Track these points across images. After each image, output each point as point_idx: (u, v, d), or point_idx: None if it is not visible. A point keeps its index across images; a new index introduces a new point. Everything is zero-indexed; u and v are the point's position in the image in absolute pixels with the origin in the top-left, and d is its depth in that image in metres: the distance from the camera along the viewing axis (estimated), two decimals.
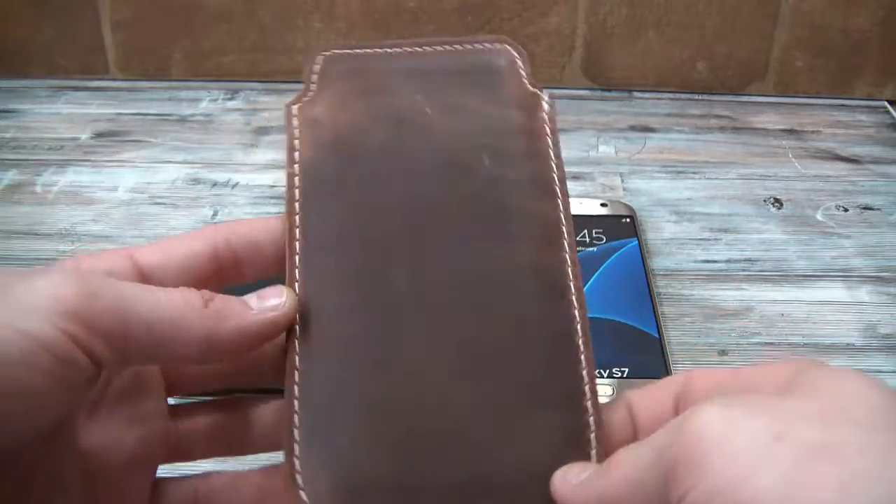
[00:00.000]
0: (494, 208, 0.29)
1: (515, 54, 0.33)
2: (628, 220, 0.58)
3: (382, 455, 0.25)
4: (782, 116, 0.74)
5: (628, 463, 0.22)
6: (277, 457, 0.26)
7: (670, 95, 0.76)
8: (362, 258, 0.28)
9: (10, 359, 0.21)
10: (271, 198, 0.62)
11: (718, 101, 0.75)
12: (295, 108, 0.31)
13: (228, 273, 0.28)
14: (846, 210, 0.62)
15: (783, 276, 0.55)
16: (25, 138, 0.68)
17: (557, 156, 0.30)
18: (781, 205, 0.62)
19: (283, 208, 0.29)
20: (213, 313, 0.25)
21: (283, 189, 0.29)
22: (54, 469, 0.25)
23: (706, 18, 0.73)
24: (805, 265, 0.56)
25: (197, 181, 0.64)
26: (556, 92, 0.77)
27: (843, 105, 0.76)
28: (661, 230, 0.59)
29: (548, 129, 0.31)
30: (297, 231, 0.28)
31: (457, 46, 0.33)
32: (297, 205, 0.29)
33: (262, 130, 0.70)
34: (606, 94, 0.76)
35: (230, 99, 0.75)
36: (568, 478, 0.24)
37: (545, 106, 0.31)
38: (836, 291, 0.54)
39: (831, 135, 0.71)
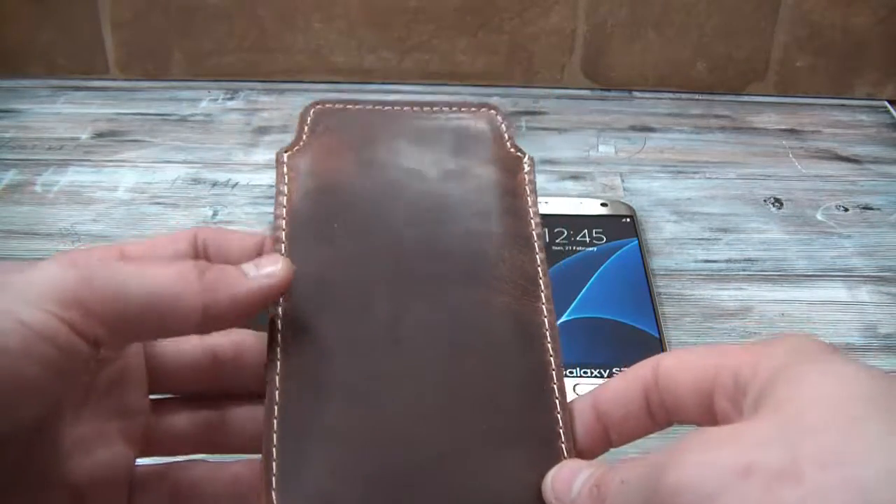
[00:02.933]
0: (475, 258, 0.30)
1: (500, 119, 0.35)
2: (628, 220, 0.58)
3: (356, 491, 0.25)
4: (782, 116, 0.74)
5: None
6: (254, 454, 0.26)
7: (670, 95, 0.76)
8: (343, 301, 0.29)
9: (10, 350, 0.21)
10: (271, 198, 0.61)
11: (718, 101, 0.75)
12: (285, 157, 0.32)
13: None
14: (846, 210, 0.62)
15: (783, 276, 0.55)
16: (25, 138, 0.68)
17: (536, 213, 0.32)
18: (781, 205, 0.62)
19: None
20: (210, 283, 0.25)
21: None
22: (41, 462, 0.25)
23: (706, 18, 0.73)
24: (805, 265, 0.56)
25: (197, 181, 0.64)
26: (556, 92, 0.77)
27: (843, 105, 0.75)
28: (661, 230, 0.59)
29: (528, 189, 0.33)
30: None
31: (445, 108, 0.35)
32: (282, 246, 0.30)
33: (262, 130, 0.70)
34: (606, 94, 0.76)
35: (230, 99, 0.75)
36: (562, 486, 0.24)
37: (525, 167, 0.33)
38: (836, 291, 0.54)
39: (831, 135, 0.71)
